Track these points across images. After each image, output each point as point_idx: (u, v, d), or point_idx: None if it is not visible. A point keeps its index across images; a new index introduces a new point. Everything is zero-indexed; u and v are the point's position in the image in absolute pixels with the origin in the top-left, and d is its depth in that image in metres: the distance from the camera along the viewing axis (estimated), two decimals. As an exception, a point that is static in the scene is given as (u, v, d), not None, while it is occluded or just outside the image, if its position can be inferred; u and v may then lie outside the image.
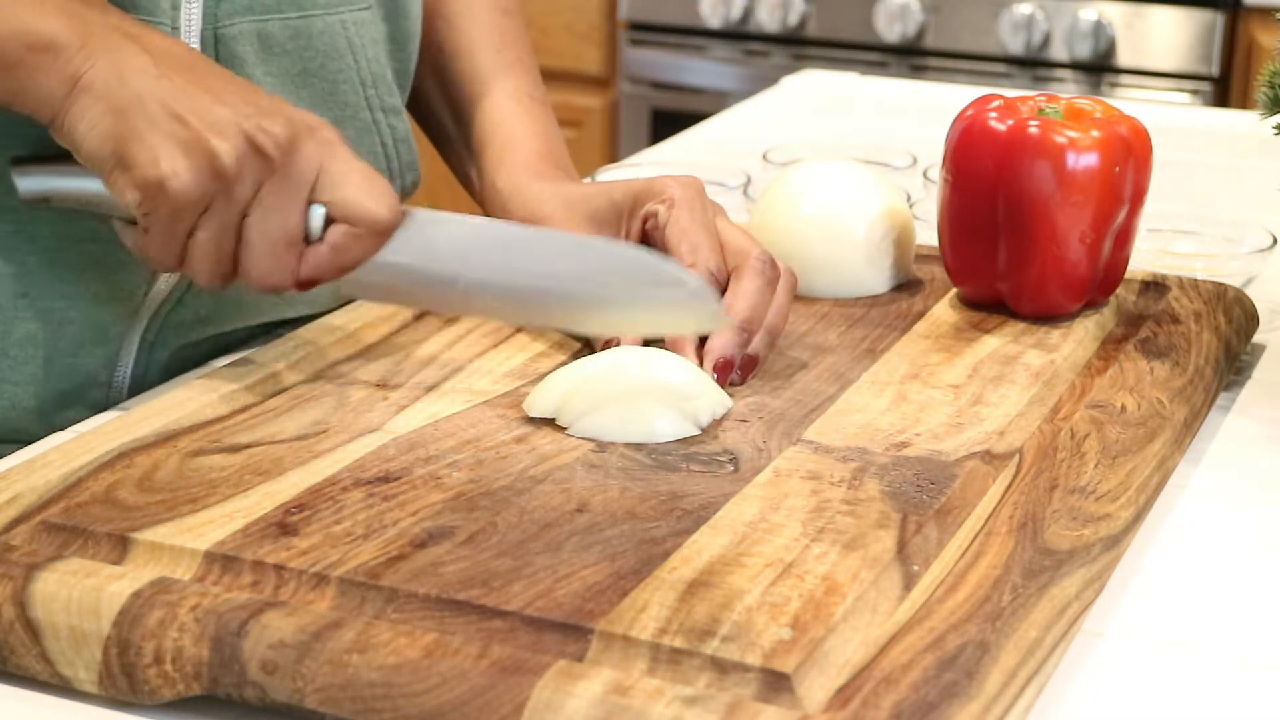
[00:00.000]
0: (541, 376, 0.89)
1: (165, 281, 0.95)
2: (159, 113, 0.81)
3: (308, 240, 0.85)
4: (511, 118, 1.07)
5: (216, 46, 0.94)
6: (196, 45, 0.93)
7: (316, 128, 0.85)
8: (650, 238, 0.95)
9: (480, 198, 1.06)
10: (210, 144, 0.81)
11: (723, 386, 0.88)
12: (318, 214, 0.85)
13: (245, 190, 0.83)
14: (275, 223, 0.84)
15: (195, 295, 0.96)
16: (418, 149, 1.09)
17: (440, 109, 1.12)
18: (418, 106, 1.13)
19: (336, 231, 0.85)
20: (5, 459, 0.86)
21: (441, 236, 0.88)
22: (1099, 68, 2.73)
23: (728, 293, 0.91)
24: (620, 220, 0.97)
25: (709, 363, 0.89)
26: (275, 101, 0.85)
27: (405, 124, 1.07)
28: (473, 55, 1.10)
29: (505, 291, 0.88)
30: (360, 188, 0.85)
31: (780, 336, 0.93)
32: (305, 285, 0.86)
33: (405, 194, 1.09)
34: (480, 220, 0.89)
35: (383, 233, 0.86)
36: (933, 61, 2.82)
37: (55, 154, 0.86)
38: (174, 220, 0.82)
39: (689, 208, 0.94)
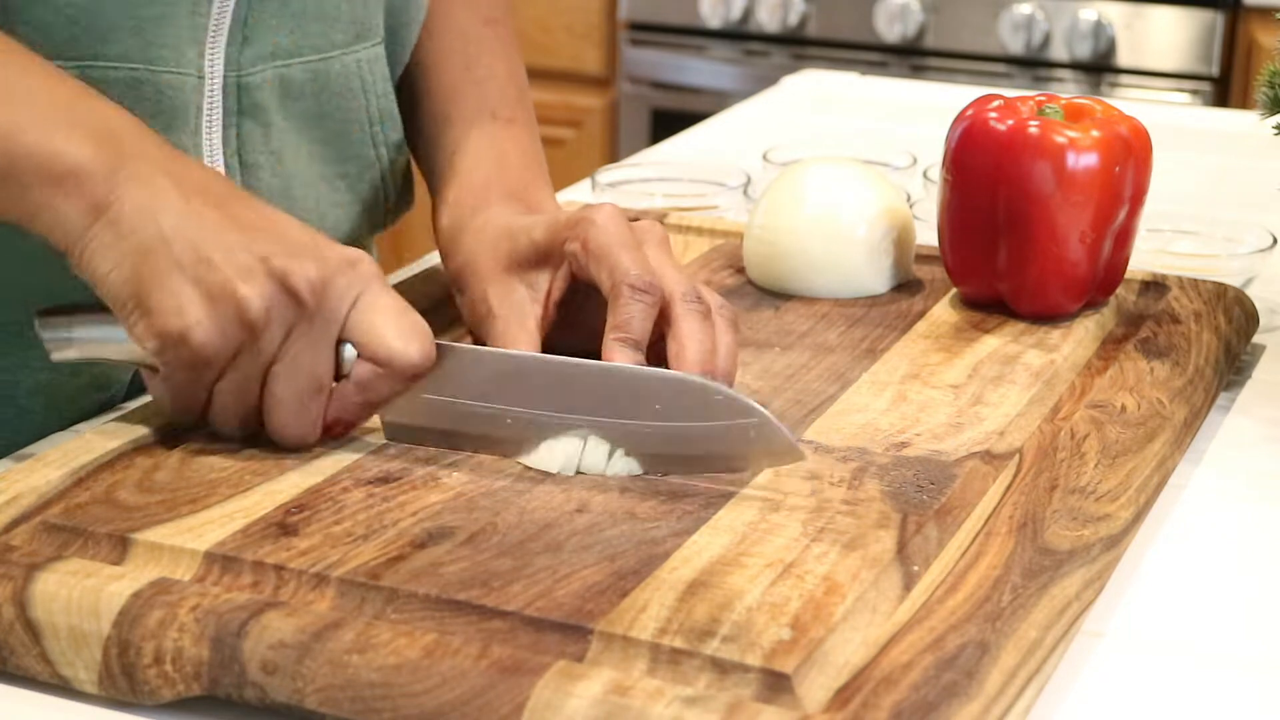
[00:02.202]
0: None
1: None
2: (185, 255, 0.77)
3: (336, 376, 0.80)
4: (464, 145, 1.03)
5: (239, 95, 0.93)
6: (219, 94, 0.92)
7: (355, 262, 0.80)
8: (576, 278, 0.89)
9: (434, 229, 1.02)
10: (238, 292, 0.76)
11: None
12: (349, 355, 0.80)
13: (273, 339, 0.78)
14: (303, 372, 0.79)
15: None
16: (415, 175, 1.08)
17: (411, 122, 1.08)
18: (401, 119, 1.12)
19: (363, 369, 0.80)
20: (5, 459, 0.86)
21: (482, 371, 0.81)
22: (1099, 68, 2.74)
23: (669, 340, 0.84)
24: (543, 261, 0.91)
25: None
26: (310, 236, 0.80)
27: (406, 156, 1.06)
28: (441, 71, 1.06)
29: (552, 427, 0.80)
30: (392, 326, 0.79)
31: (734, 381, 0.86)
32: (332, 430, 0.81)
33: (395, 218, 1.08)
34: (525, 354, 0.84)
35: (412, 375, 0.80)
36: (933, 61, 2.82)
37: (83, 303, 0.81)
38: (196, 371, 0.78)
39: (605, 232, 0.87)
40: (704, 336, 0.84)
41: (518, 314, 0.90)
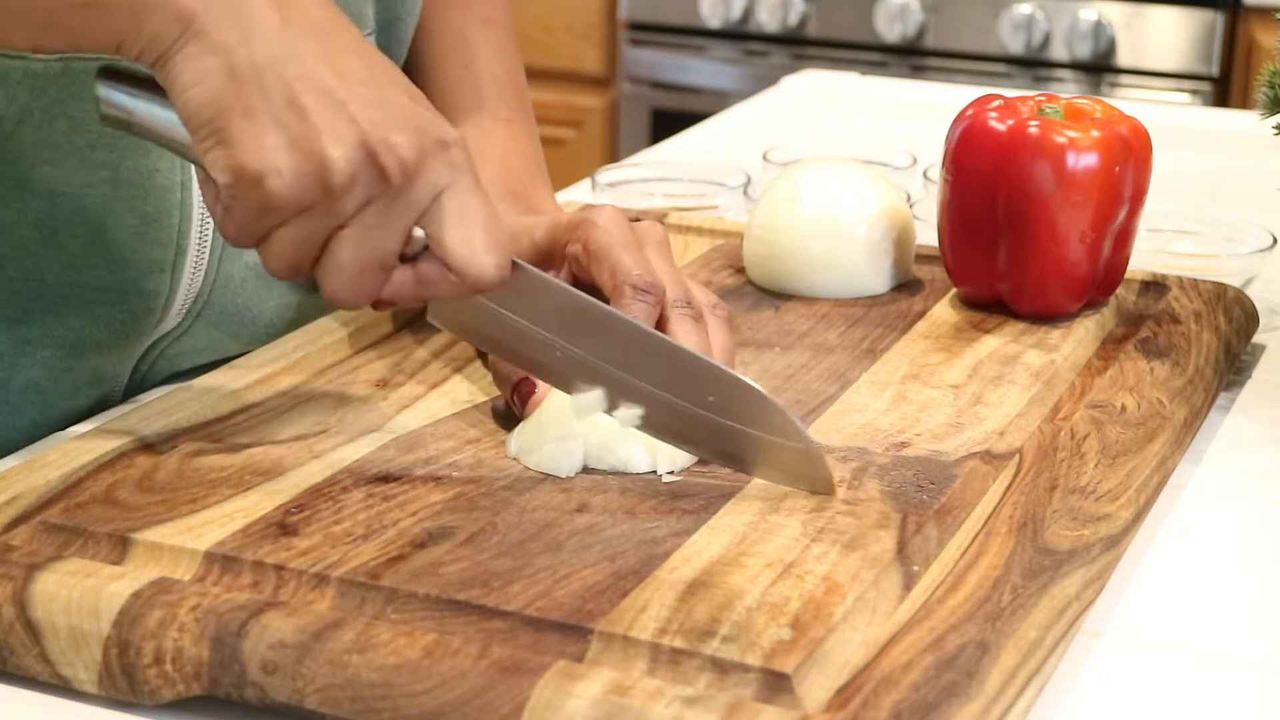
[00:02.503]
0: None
1: (169, 323, 0.94)
2: (277, 92, 0.70)
3: (402, 257, 0.75)
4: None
5: None
6: None
7: (450, 145, 0.74)
8: (578, 280, 0.89)
9: None
10: (325, 150, 0.70)
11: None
12: (418, 236, 0.74)
13: (350, 206, 0.72)
14: (371, 245, 0.73)
15: (194, 334, 0.96)
16: None
17: None
18: None
19: (431, 267, 0.75)
20: (5, 459, 0.86)
21: (548, 300, 0.78)
22: (1099, 68, 2.74)
23: None
24: (544, 262, 0.90)
25: None
26: (412, 102, 0.74)
27: None
28: (439, 72, 1.06)
29: (600, 375, 0.79)
30: (472, 234, 0.74)
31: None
32: (381, 306, 0.76)
33: None
34: (595, 301, 0.79)
35: (480, 289, 0.75)
36: (933, 61, 2.82)
37: (150, 77, 0.74)
38: (261, 213, 0.72)
39: (606, 233, 0.86)
40: (697, 340, 0.84)
41: None
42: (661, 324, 0.84)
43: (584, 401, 0.79)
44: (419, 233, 0.74)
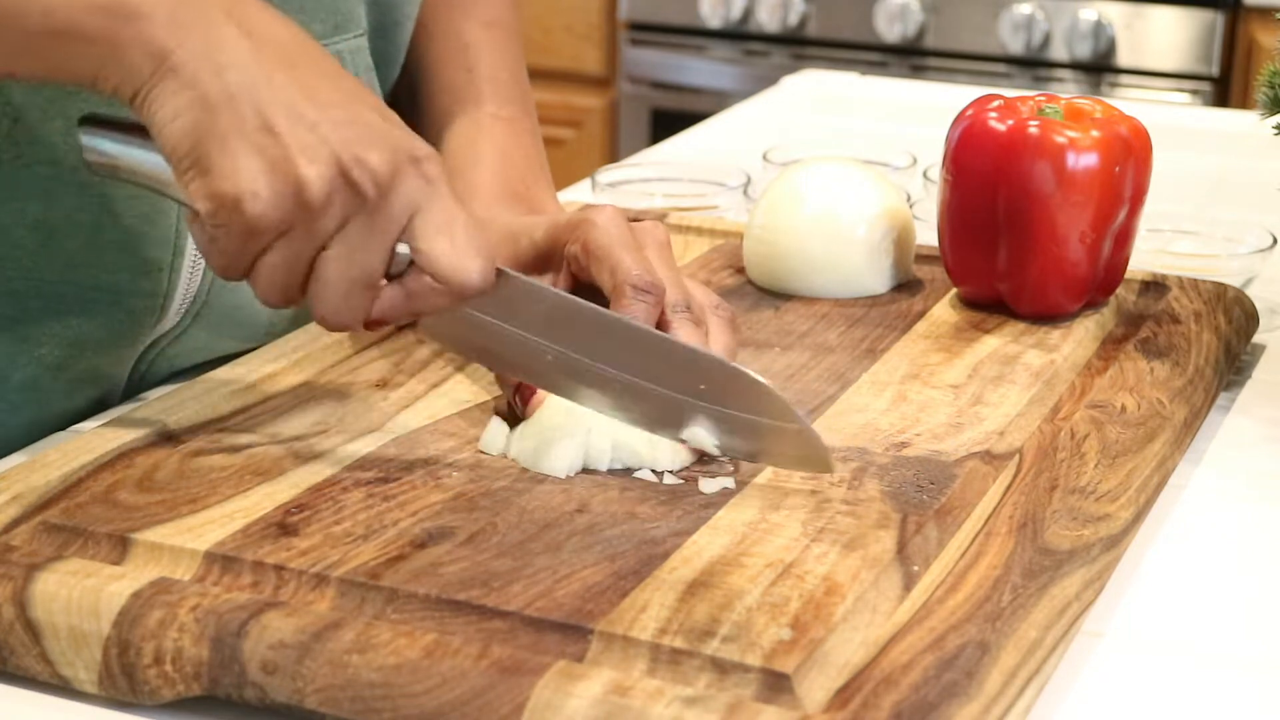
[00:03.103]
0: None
1: (168, 322, 0.94)
2: (250, 119, 0.72)
3: (388, 276, 0.76)
4: (467, 143, 1.02)
5: None
6: None
7: (422, 159, 0.75)
8: (578, 280, 0.89)
9: None
10: (299, 170, 0.72)
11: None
12: (403, 252, 0.75)
13: (329, 224, 0.73)
14: (356, 263, 0.74)
15: (192, 334, 0.96)
16: None
17: (413, 126, 1.08)
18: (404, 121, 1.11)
19: (418, 280, 0.76)
20: (5, 459, 0.86)
21: (537, 306, 0.79)
22: (1099, 68, 2.74)
23: None
24: (544, 263, 0.90)
25: None
26: (383, 121, 0.76)
27: None
28: (442, 75, 1.06)
29: (592, 376, 0.79)
30: (455, 244, 0.75)
31: None
32: (373, 326, 0.77)
33: None
34: (584, 303, 0.79)
35: (467, 297, 0.76)
36: (933, 61, 2.82)
37: (132, 121, 0.76)
38: (244, 239, 0.74)
39: (605, 233, 0.86)
40: (698, 342, 0.84)
41: None
42: (662, 328, 0.84)
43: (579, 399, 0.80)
44: (403, 249, 0.75)
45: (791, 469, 0.79)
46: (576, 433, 0.80)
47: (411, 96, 1.08)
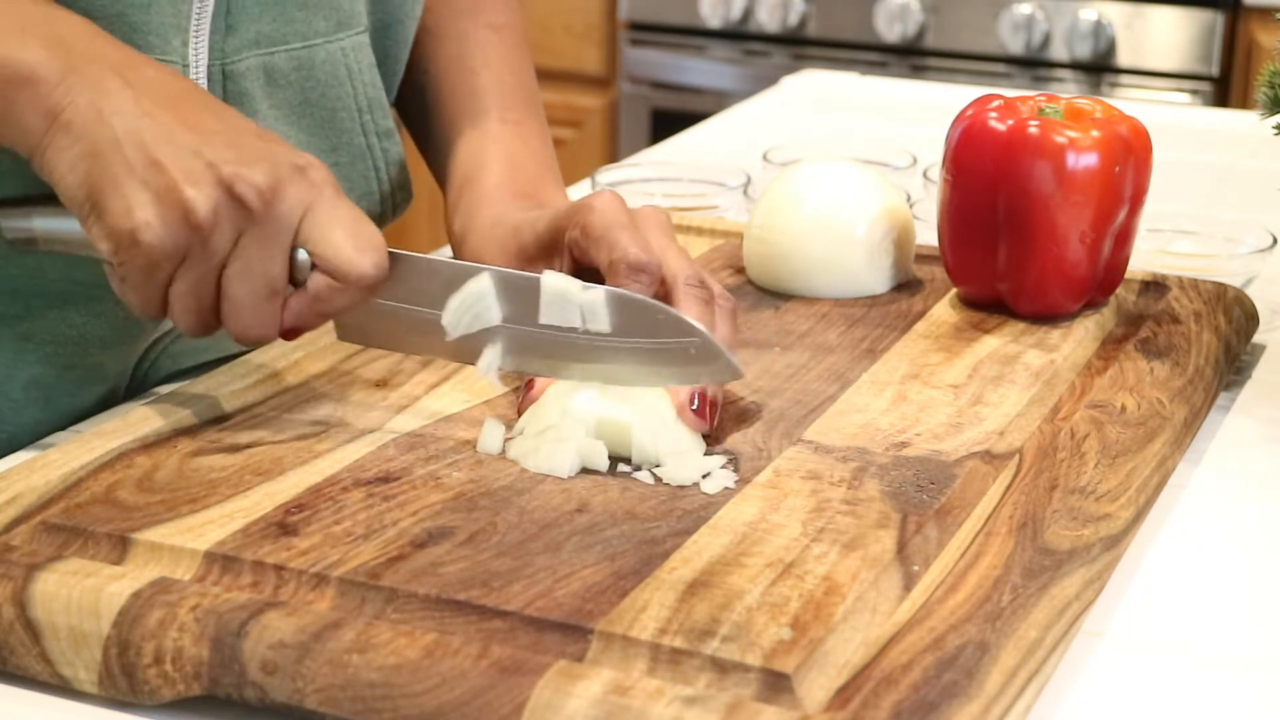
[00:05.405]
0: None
1: (169, 321, 0.94)
2: (136, 158, 0.77)
3: (294, 283, 0.81)
4: (475, 149, 1.03)
5: (224, 82, 0.93)
6: (204, 82, 0.92)
7: (305, 168, 0.80)
8: (580, 265, 0.89)
9: (448, 234, 1.03)
10: (185, 194, 0.77)
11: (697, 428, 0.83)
12: (303, 259, 0.80)
13: (223, 242, 0.78)
14: (256, 275, 0.79)
15: None
16: (409, 166, 1.08)
17: (423, 131, 1.09)
18: (409, 123, 1.12)
19: (319, 281, 0.80)
20: (5, 459, 0.86)
21: (433, 281, 0.83)
22: (1099, 68, 2.74)
23: None
24: (549, 252, 0.92)
25: (683, 398, 0.82)
26: (263, 141, 0.81)
27: (398, 146, 1.06)
28: (449, 79, 1.07)
29: (500, 335, 0.83)
30: (346, 238, 0.80)
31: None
32: (290, 335, 0.82)
33: (396, 212, 1.08)
34: (472, 265, 0.84)
35: (368, 286, 0.81)
36: (933, 61, 2.82)
37: (42, 195, 0.82)
38: (149, 271, 0.78)
39: (602, 216, 0.87)
40: (706, 322, 0.84)
41: None
42: (671, 304, 0.84)
43: (483, 364, 0.83)
44: (303, 256, 0.80)
45: (703, 381, 0.82)
46: (576, 433, 0.80)
47: (419, 101, 1.09)
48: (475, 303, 0.83)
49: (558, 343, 0.82)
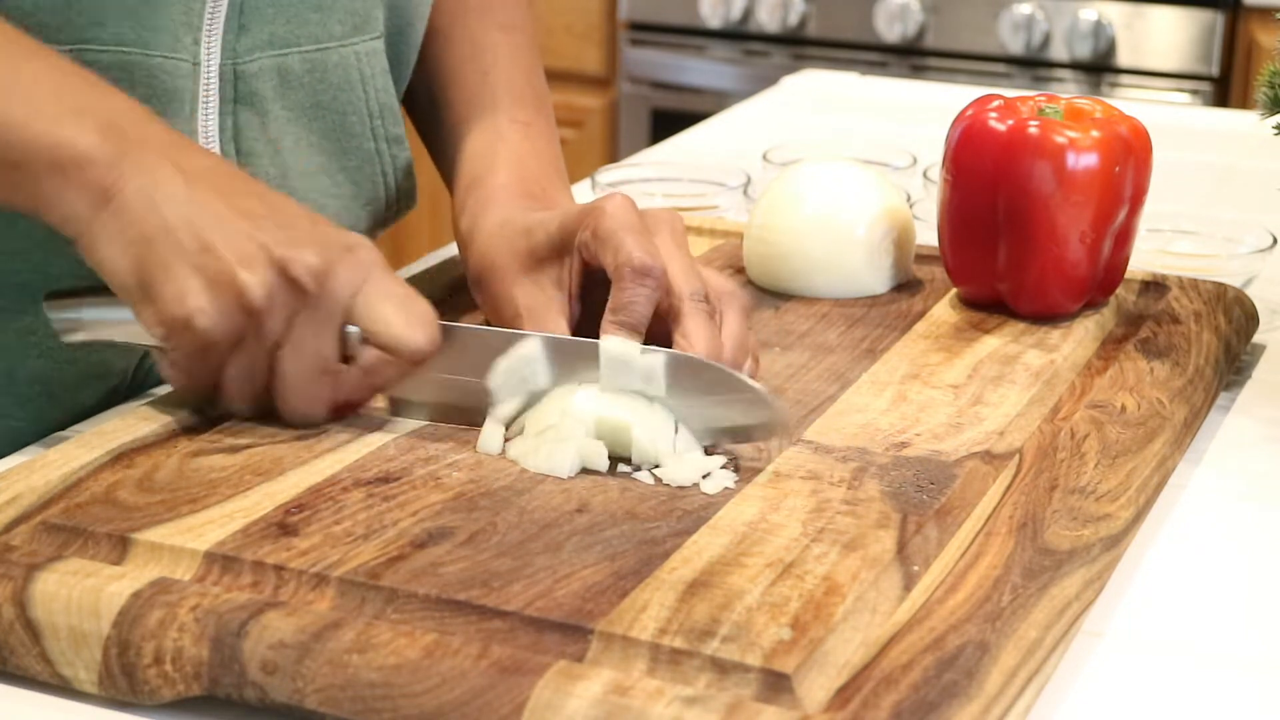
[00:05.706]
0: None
1: None
2: (188, 242, 0.78)
3: (345, 359, 0.82)
4: (484, 149, 1.03)
5: (235, 82, 0.93)
6: (215, 81, 0.92)
7: (354, 247, 0.81)
8: (589, 267, 0.89)
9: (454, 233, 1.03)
10: (239, 279, 0.78)
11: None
12: (353, 334, 0.81)
13: (276, 324, 0.80)
14: (309, 354, 0.81)
15: None
16: (415, 171, 1.08)
17: (431, 129, 1.09)
18: (417, 121, 1.12)
19: (370, 355, 0.82)
20: (5, 459, 0.86)
21: (487, 349, 0.83)
22: (1099, 68, 2.74)
23: (675, 336, 0.85)
24: (560, 254, 0.91)
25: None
26: (312, 223, 0.82)
27: (407, 152, 1.06)
28: (458, 80, 1.07)
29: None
30: (397, 314, 0.81)
31: (744, 367, 0.86)
32: (341, 410, 0.83)
33: (399, 215, 1.08)
34: (528, 333, 0.84)
35: (418, 361, 0.82)
36: (933, 61, 2.82)
37: (90, 286, 0.83)
38: (202, 356, 0.80)
39: (613, 219, 0.87)
40: (709, 335, 0.84)
41: (544, 310, 0.90)
42: (675, 317, 0.85)
43: (483, 442, 0.82)
44: (353, 330, 0.81)
45: (758, 439, 0.82)
46: (576, 433, 0.80)
47: (428, 101, 1.09)
48: (523, 366, 0.83)
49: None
